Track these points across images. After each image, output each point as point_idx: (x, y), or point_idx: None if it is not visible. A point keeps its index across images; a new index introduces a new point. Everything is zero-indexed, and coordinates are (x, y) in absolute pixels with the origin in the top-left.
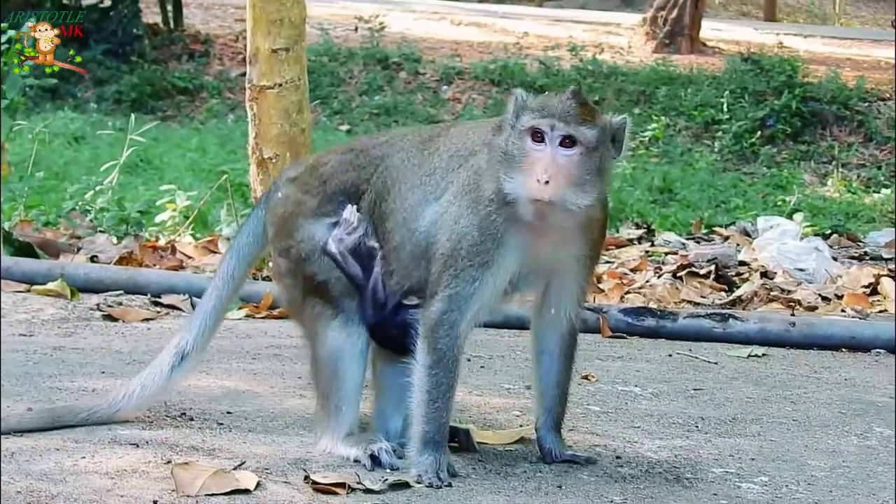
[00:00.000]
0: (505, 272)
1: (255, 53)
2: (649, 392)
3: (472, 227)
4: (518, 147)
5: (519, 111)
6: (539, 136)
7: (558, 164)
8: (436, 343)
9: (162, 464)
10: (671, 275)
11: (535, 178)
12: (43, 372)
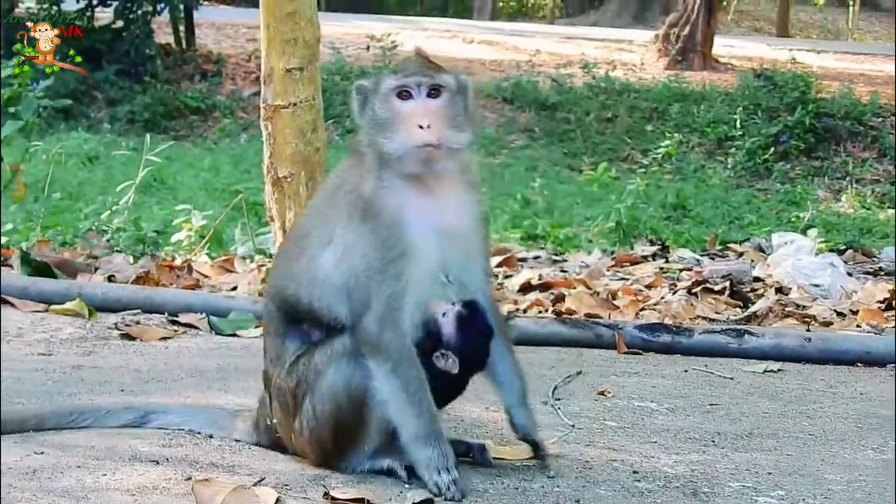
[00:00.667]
0: (423, 251)
1: (270, 73)
2: (665, 407)
3: (372, 232)
4: (388, 110)
5: (371, 89)
6: (406, 93)
7: (432, 110)
8: (386, 348)
9: (182, 480)
10: (686, 291)
11: (417, 126)
12: (63, 391)
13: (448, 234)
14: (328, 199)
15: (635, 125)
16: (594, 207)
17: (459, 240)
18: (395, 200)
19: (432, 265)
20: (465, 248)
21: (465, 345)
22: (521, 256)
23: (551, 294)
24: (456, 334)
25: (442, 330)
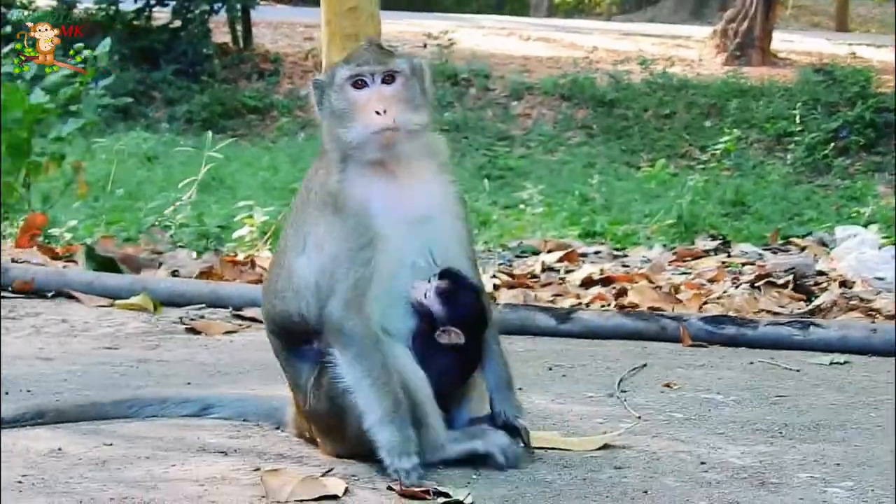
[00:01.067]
0: (393, 238)
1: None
2: (732, 399)
3: (339, 224)
4: (344, 100)
5: (327, 83)
6: (361, 82)
7: (388, 96)
8: (350, 334)
9: (251, 471)
10: (749, 285)
11: (374, 112)
12: (130, 383)
13: (420, 218)
14: (299, 206)
15: (693, 121)
16: (652, 204)
17: (434, 222)
18: (360, 190)
19: (405, 251)
20: (443, 231)
21: (458, 313)
22: (582, 252)
23: (613, 288)
24: (446, 308)
25: (432, 310)
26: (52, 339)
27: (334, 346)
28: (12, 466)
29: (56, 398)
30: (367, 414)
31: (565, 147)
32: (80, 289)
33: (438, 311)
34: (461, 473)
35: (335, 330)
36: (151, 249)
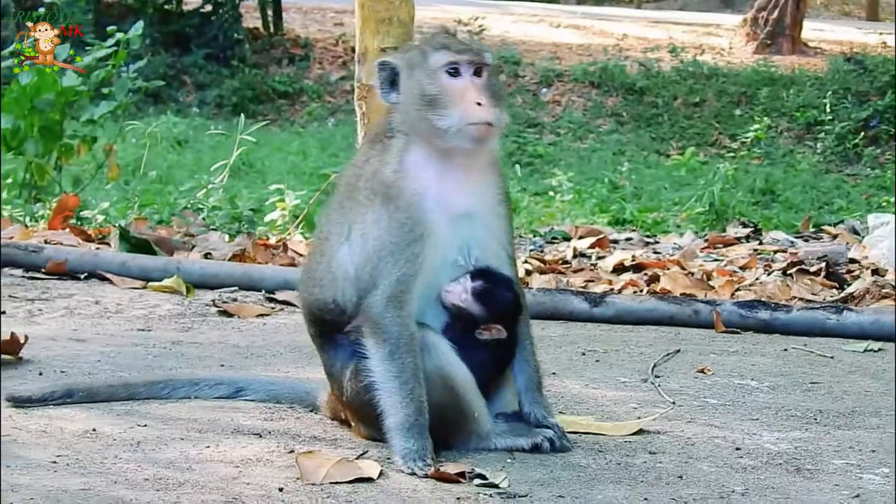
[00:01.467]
0: (442, 235)
1: (364, 52)
2: (766, 385)
3: (390, 215)
4: (438, 86)
5: (416, 61)
6: (455, 71)
7: (480, 89)
8: (387, 330)
9: (285, 453)
10: (781, 272)
11: (473, 103)
12: (163, 365)
13: (464, 214)
14: (346, 193)
15: (723, 110)
16: (682, 192)
17: (476, 220)
18: (416, 183)
19: (448, 248)
20: (484, 228)
21: (498, 309)
22: (614, 238)
23: (645, 275)
24: (483, 306)
25: (470, 311)
26: (85, 320)
27: (369, 340)
28: (47, 446)
29: (89, 379)
30: (388, 415)
31: (595, 134)
32: (114, 270)
33: (478, 311)
34: (496, 457)
35: (373, 323)
36: (184, 232)
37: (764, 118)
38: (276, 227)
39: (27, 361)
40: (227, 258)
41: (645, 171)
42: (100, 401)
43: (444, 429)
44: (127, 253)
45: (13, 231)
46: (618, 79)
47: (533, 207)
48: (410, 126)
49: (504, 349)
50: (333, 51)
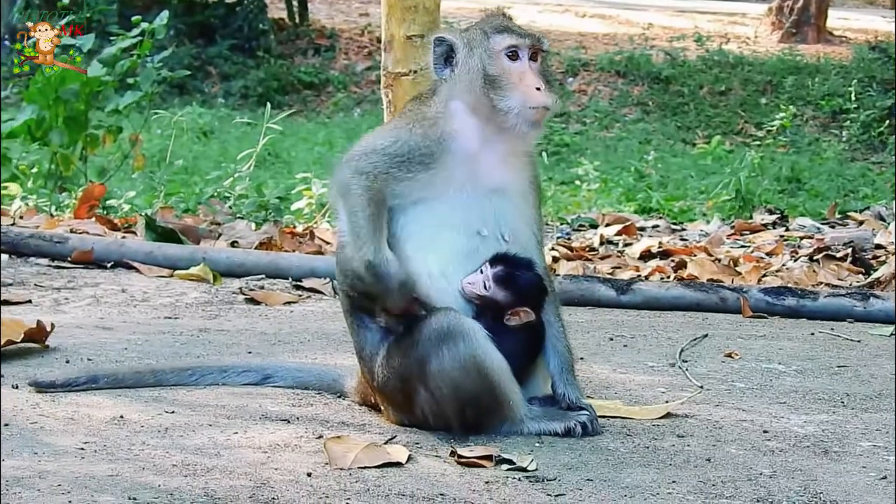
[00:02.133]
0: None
1: (390, 40)
2: (793, 369)
3: (410, 131)
4: (499, 68)
5: (476, 41)
6: (515, 54)
7: (538, 74)
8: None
9: (313, 438)
10: (808, 258)
11: (533, 87)
12: (191, 352)
13: (500, 192)
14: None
15: (749, 98)
16: (708, 180)
17: (511, 200)
18: (455, 129)
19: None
20: (517, 210)
21: (520, 292)
22: (640, 225)
23: (672, 261)
24: (507, 291)
25: (495, 298)
26: (111, 308)
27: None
28: (74, 433)
29: (115, 366)
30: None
31: (621, 124)
32: (140, 259)
33: (504, 297)
34: (524, 441)
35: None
36: (210, 220)
37: (789, 107)
38: (302, 215)
39: (54, 349)
40: (253, 246)
41: (671, 160)
42: (126, 387)
43: (478, 415)
44: (153, 242)
45: (38, 221)
46: (643, 68)
47: (559, 196)
48: (465, 97)
49: (535, 334)
50: (359, 41)
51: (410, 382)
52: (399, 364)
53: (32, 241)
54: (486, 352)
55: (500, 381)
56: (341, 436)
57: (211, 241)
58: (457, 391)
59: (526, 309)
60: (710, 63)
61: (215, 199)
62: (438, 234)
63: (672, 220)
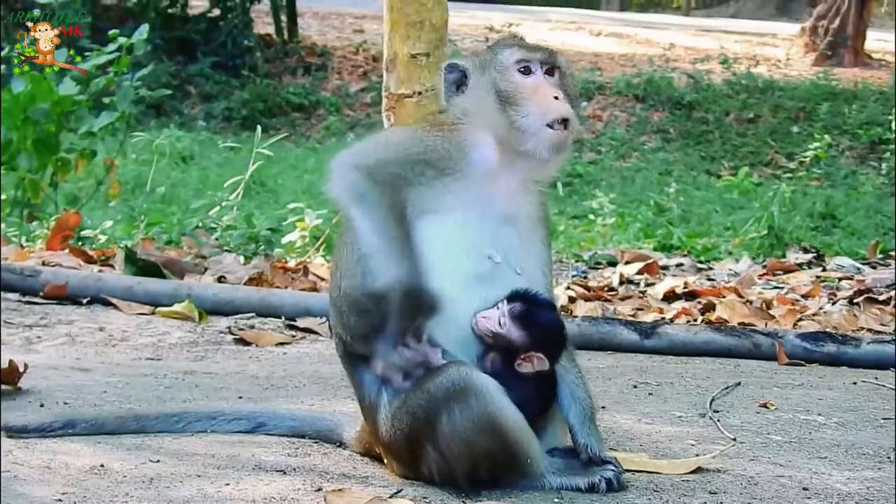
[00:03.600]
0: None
1: (393, 59)
2: (834, 421)
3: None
4: (509, 83)
5: (486, 61)
6: (527, 69)
7: (555, 89)
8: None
9: (312, 491)
10: (847, 301)
11: (551, 97)
12: (176, 396)
13: (512, 220)
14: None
15: (780, 126)
16: (735, 216)
17: (519, 226)
18: (474, 148)
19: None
20: (525, 243)
21: (539, 336)
22: (663, 264)
23: (699, 303)
24: (525, 332)
25: (510, 337)
26: (88, 348)
27: (352, 207)
28: (51, 483)
29: (95, 411)
30: (381, 275)
31: (639, 152)
32: (119, 294)
33: (518, 337)
34: (541, 496)
35: (356, 192)
36: (195, 253)
37: (824, 136)
38: (293, 249)
39: (26, 392)
40: (242, 282)
41: (694, 193)
42: (107, 433)
43: (497, 472)
44: (133, 276)
45: (7, 252)
46: (664, 92)
47: (571, 231)
48: (481, 121)
49: (548, 382)
50: (353, 60)
51: (419, 441)
52: (405, 422)
53: (1, 273)
54: (501, 408)
55: (517, 438)
56: (343, 488)
57: (196, 276)
58: (470, 450)
59: (539, 355)
60: (737, 87)
61: (200, 230)
62: (446, 252)
63: (697, 259)
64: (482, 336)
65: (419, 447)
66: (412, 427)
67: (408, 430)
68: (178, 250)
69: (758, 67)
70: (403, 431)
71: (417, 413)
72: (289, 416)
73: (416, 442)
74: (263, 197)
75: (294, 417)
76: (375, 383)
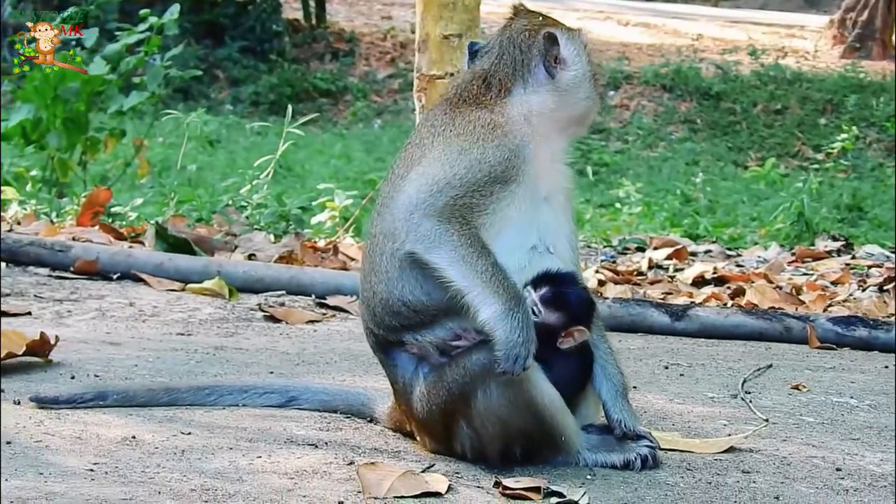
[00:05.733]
0: (527, 205)
1: (425, 40)
2: (867, 404)
3: (482, 147)
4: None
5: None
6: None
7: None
8: (450, 238)
9: (344, 465)
10: (877, 288)
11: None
12: (206, 371)
13: (547, 200)
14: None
15: (807, 118)
16: (761, 206)
17: (553, 209)
18: (526, 134)
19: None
20: (557, 220)
21: (572, 311)
22: (692, 250)
23: (728, 288)
24: (558, 311)
25: (546, 322)
26: (119, 323)
27: (431, 255)
28: (83, 453)
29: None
30: (480, 309)
31: (666, 142)
32: (150, 271)
33: (555, 319)
34: (575, 472)
35: (431, 239)
36: (226, 231)
37: (851, 128)
38: (322, 229)
39: (57, 364)
40: (272, 260)
41: (720, 183)
42: (137, 405)
43: (531, 450)
44: (163, 252)
45: (38, 227)
46: (692, 82)
47: (598, 220)
48: (548, 107)
49: (585, 357)
50: (381, 46)
51: (454, 417)
52: (441, 398)
53: (32, 248)
54: (537, 385)
55: (553, 416)
56: (375, 462)
57: (226, 254)
58: (505, 427)
59: (580, 328)
60: (764, 79)
61: (231, 207)
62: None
63: (726, 245)
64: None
65: (454, 423)
66: (448, 403)
67: (443, 405)
68: (209, 228)
69: (786, 59)
70: (439, 407)
71: (453, 389)
72: (321, 390)
73: (450, 418)
74: (290, 181)
75: (326, 392)
76: (412, 362)
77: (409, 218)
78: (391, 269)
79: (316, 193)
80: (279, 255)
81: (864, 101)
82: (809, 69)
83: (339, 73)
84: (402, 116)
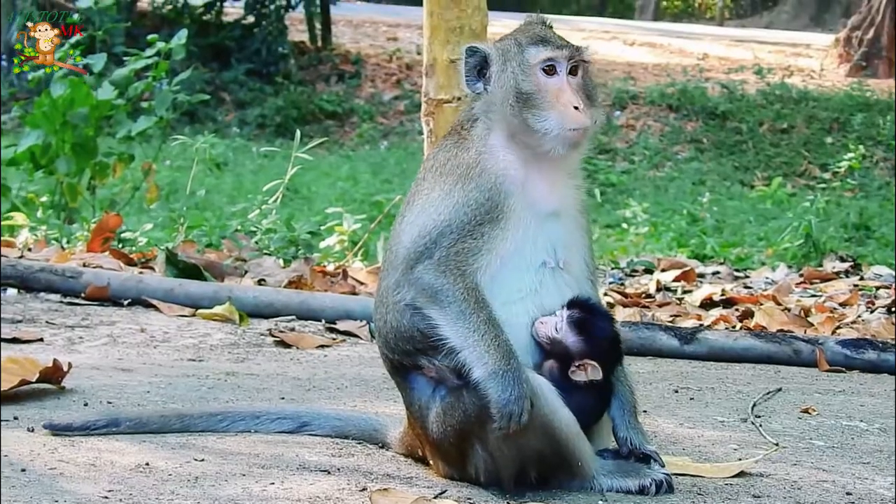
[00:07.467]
0: (522, 227)
1: (432, 64)
2: (877, 427)
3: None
4: (534, 84)
5: (510, 53)
6: (552, 68)
7: (577, 90)
8: (447, 293)
9: (356, 491)
10: (886, 310)
11: (571, 107)
12: (218, 397)
13: (555, 215)
14: (413, 189)
15: (813, 137)
16: (768, 226)
17: (561, 221)
18: (502, 165)
19: (535, 247)
20: (568, 232)
21: (595, 344)
22: (700, 272)
23: (736, 310)
24: (581, 339)
25: (566, 343)
26: (130, 349)
27: (430, 309)
28: (97, 481)
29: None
30: (474, 368)
31: (672, 162)
32: (160, 296)
33: (574, 343)
34: (586, 497)
35: (429, 292)
36: (235, 256)
37: (858, 147)
38: (331, 254)
39: (70, 391)
40: (282, 285)
41: (727, 203)
42: (150, 432)
43: (545, 473)
44: (174, 278)
45: (49, 253)
46: (698, 102)
47: (604, 241)
48: (499, 118)
49: (602, 392)
50: (386, 67)
51: (469, 440)
52: (457, 420)
53: (43, 275)
54: (554, 410)
55: (569, 440)
56: (388, 488)
57: (236, 279)
58: (521, 451)
59: (594, 364)
60: (770, 98)
61: (240, 233)
62: (500, 273)
63: (734, 267)
64: (540, 342)
65: (468, 445)
66: (464, 424)
67: (459, 427)
68: (219, 253)
69: (792, 78)
70: (454, 428)
71: (470, 410)
72: (333, 415)
73: (465, 440)
74: (297, 204)
75: (338, 417)
76: (429, 385)
77: (409, 272)
78: (399, 305)
79: (324, 217)
80: (289, 280)
81: (870, 120)
82: (815, 88)
83: (345, 95)
84: (408, 138)
